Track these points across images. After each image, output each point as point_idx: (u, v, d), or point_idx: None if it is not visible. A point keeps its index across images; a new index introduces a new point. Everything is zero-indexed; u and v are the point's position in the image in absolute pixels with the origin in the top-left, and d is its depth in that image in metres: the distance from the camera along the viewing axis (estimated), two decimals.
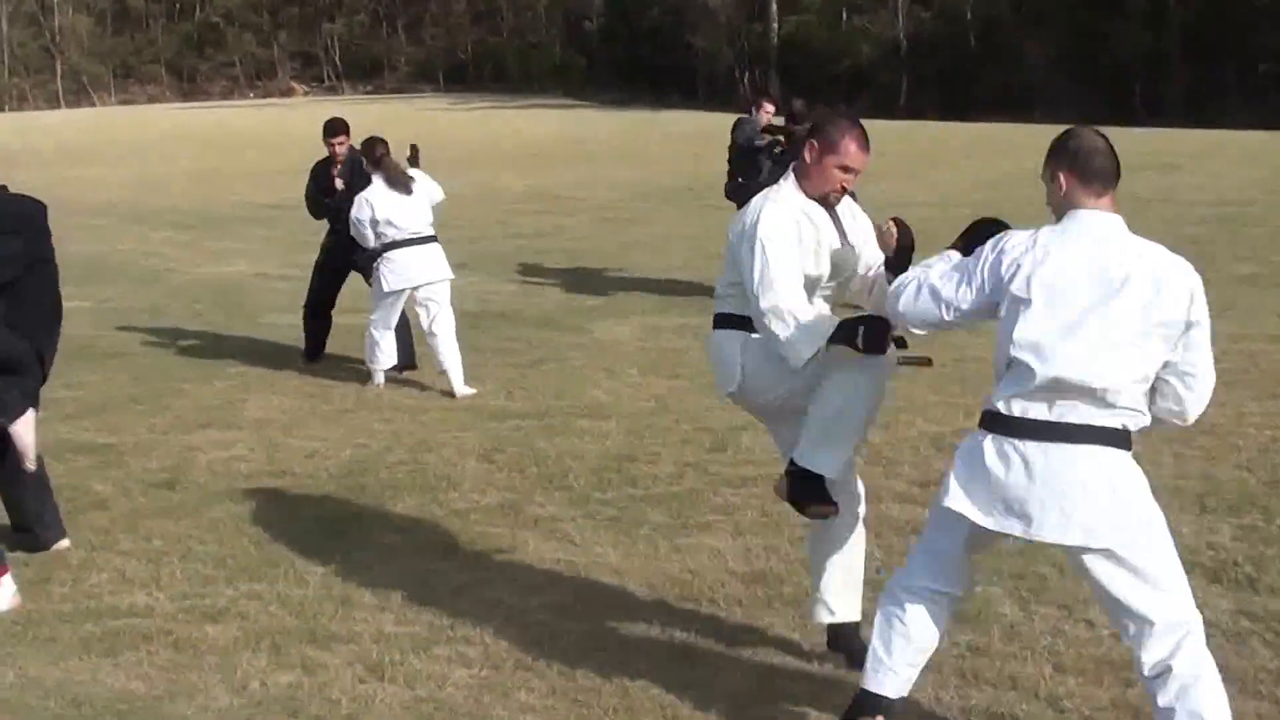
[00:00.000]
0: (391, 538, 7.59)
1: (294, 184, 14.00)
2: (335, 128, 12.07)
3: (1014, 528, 4.52)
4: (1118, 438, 4.46)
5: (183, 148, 45.87)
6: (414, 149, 11.91)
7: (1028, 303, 4.44)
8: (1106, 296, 4.38)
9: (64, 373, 11.65)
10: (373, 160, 11.12)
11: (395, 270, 11.06)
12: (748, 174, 14.42)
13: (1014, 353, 4.44)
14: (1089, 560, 4.51)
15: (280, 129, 56.56)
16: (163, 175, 35.05)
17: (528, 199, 26.65)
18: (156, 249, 21.42)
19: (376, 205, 10.96)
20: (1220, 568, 6.60)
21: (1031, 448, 4.43)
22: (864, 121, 5.62)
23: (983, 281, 4.61)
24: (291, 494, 8.45)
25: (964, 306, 4.65)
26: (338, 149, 12.00)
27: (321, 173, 12.15)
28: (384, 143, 11.22)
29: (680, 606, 6.42)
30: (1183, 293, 4.42)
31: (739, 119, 15.45)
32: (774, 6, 74.38)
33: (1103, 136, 4.60)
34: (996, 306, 4.56)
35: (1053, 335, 4.38)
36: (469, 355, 11.29)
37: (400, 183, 11.05)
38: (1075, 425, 4.41)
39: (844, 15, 71.50)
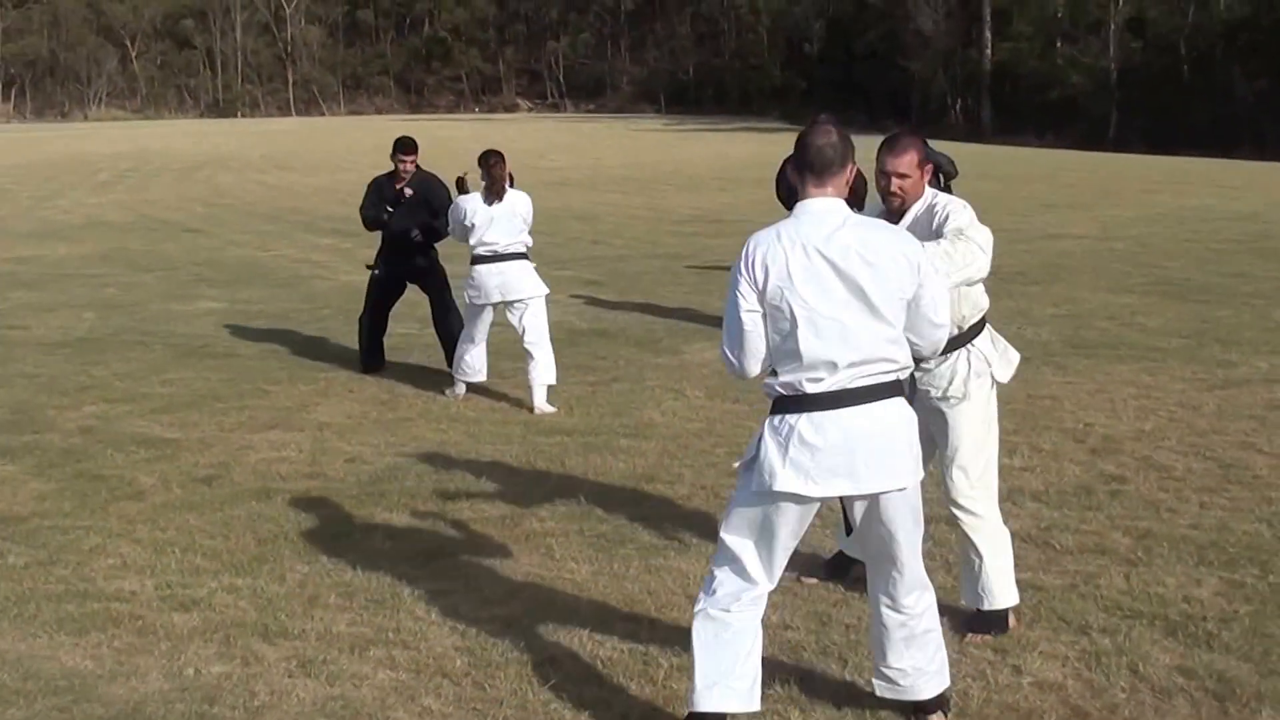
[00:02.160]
0: (385, 543, 7.79)
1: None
2: (408, 146, 12.48)
3: (840, 487, 4.91)
4: (899, 388, 5.00)
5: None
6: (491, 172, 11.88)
7: (788, 295, 4.87)
8: (845, 275, 4.84)
9: (167, 369, 12.32)
10: (485, 168, 11.33)
11: (475, 285, 11.32)
12: None
13: (790, 344, 4.89)
14: (887, 501, 5.00)
15: (489, 142, 57.64)
16: (355, 184, 35.94)
17: (688, 221, 26.80)
18: (312, 255, 22.13)
19: (470, 212, 11.25)
20: (1184, 621, 6.44)
21: (844, 414, 4.87)
22: (1069, 153, 6.00)
23: (761, 309, 4.97)
24: (313, 496, 8.72)
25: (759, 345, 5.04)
26: (407, 165, 12.37)
27: (385, 185, 12.49)
28: (499, 155, 11.38)
29: (620, 626, 6.49)
30: (909, 262, 4.93)
31: None
32: (988, 33, 73.52)
33: (830, 131, 5.01)
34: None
35: (820, 325, 4.84)
36: (558, 371, 11.52)
37: (497, 195, 11.28)
38: (864, 388, 4.89)
39: (1057, 43, 70.22)
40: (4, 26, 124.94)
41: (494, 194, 11.31)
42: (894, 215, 5.99)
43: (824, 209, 4.96)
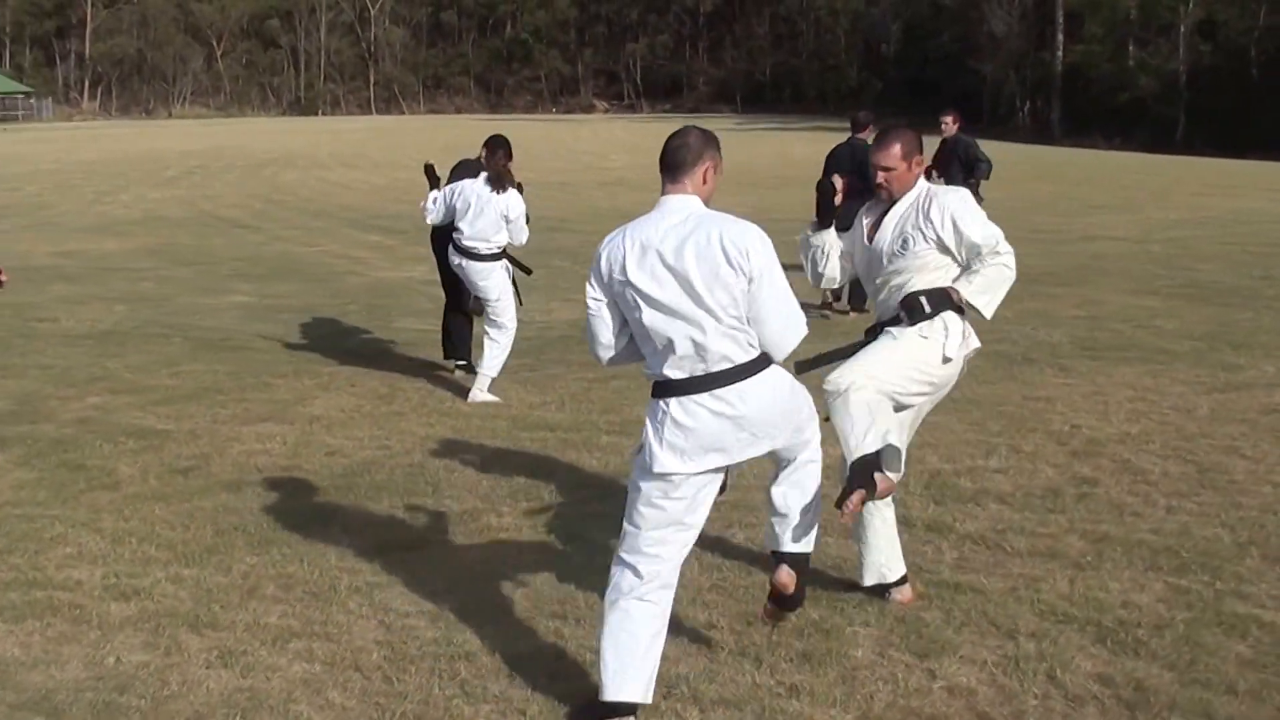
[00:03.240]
0: (339, 536, 7.82)
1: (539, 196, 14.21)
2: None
3: (713, 461, 5.21)
4: (759, 363, 5.19)
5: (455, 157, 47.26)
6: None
7: (637, 291, 5.14)
8: (675, 269, 5.07)
9: (179, 361, 12.47)
10: (487, 156, 11.54)
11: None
12: None
13: (642, 333, 5.20)
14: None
15: (557, 143, 57.88)
16: (414, 182, 36.16)
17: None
18: (352, 252, 22.31)
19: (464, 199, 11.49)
20: (1116, 628, 6.34)
21: (707, 397, 5.13)
22: (1132, 155, 6.09)
23: (606, 299, 5.29)
24: (283, 489, 8.79)
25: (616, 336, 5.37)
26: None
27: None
28: (505, 143, 11.60)
29: (546, 623, 6.50)
30: (742, 251, 5.05)
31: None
32: (1059, 35, 72.77)
33: (686, 133, 5.34)
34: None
35: (658, 318, 5.12)
36: (560, 367, 11.82)
37: (496, 185, 11.42)
38: (726, 370, 5.13)
39: (1128, 46, 69.35)
40: (94, 26, 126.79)
41: (495, 185, 11.41)
42: (884, 205, 6.46)
43: (673, 206, 5.21)
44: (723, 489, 5.47)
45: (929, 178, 16.59)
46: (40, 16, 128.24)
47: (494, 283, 11.55)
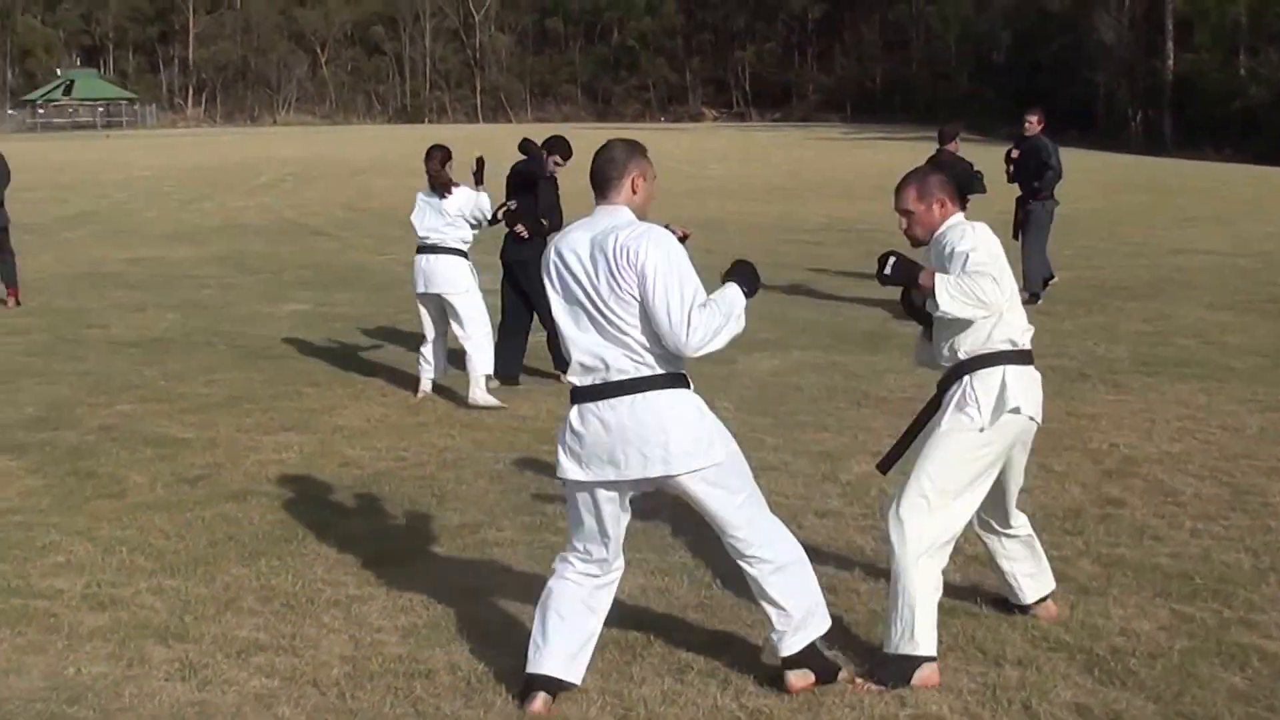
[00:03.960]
0: (333, 548, 7.72)
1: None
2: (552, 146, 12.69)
3: (608, 473, 5.29)
4: (659, 381, 5.23)
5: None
6: (479, 162, 11.99)
7: (554, 297, 5.34)
8: (579, 277, 5.22)
9: (218, 369, 12.48)
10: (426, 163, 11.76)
11: (413, 273, 11.90)
12: None
13: (564, 343, 5.37)
14: (681, 484, 5.33)
15: (657, 150, 57.63)
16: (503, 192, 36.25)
17: (816, 230, 26.33)
18: None
19: (416, 202, 11.76)
20: (1108, 656, 6.05)
21: (600, 406, 5.24)
22: (1239, 167, 5.91)
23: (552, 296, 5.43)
24: (289, 499, 8.71)
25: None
26: (552, 166, 12.59)
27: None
28: (439, 150, 11.77)
29: (518, 641, 6.27)
30: (634, 251, 5.12)
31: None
32: (1169, 44, 71.50)
33: (610, 147, 5.42)
34: None
35: (569, 323, 5.31)
36: None
37: (436, 190, 11.63)
38: (619, 382, 5.22)
39: (1239, 55, 67.95)
40: (197, 31, 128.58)
41: (433, 188, 11.63)
42: (916, 247, 6.13)
43: (599, 215, 5.36)
44: None
45: (1007, 170, 16.64)
46: (143, 22, 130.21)
47: (456, 278, 11.61)
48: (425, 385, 11.71)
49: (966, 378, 5.91)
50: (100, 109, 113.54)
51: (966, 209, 15.76)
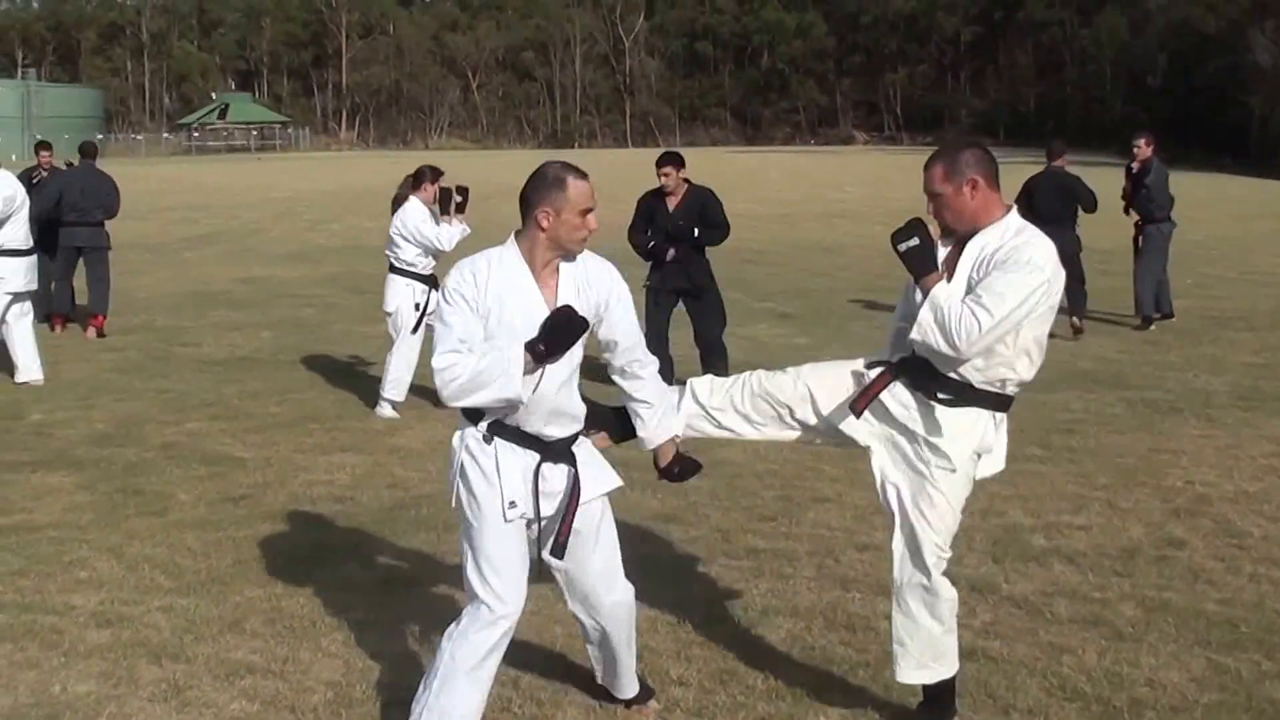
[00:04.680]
0: (354, 570, 7.64)
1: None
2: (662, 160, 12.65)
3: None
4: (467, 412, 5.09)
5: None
6: (461, 190, 12.12)
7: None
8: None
9: (294, 389, 12.51)
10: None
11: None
12: None
13: None
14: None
15: (797, 174, 57.43)
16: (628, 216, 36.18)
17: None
18: None
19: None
20: (1127, 708, 5.71)
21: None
22: None
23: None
24: (325, 520, 8.64)
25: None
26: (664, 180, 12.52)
27: (654, 204, 12.75)
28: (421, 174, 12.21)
29: (506, 672, 6.07)
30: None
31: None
32: None
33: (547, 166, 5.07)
34: None
35: None
36: None
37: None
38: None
39: None
40: (350, 56, 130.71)
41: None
42: (947, 239, 5.37)
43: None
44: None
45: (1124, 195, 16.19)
46: (296, 47, 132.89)
47: (389, 295, 12.15)
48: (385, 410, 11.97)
49: (984, 411, 5.24)
50: (254, 132, 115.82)
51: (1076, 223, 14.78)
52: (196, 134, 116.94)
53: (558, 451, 5.15)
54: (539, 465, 5.10)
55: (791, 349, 14.77)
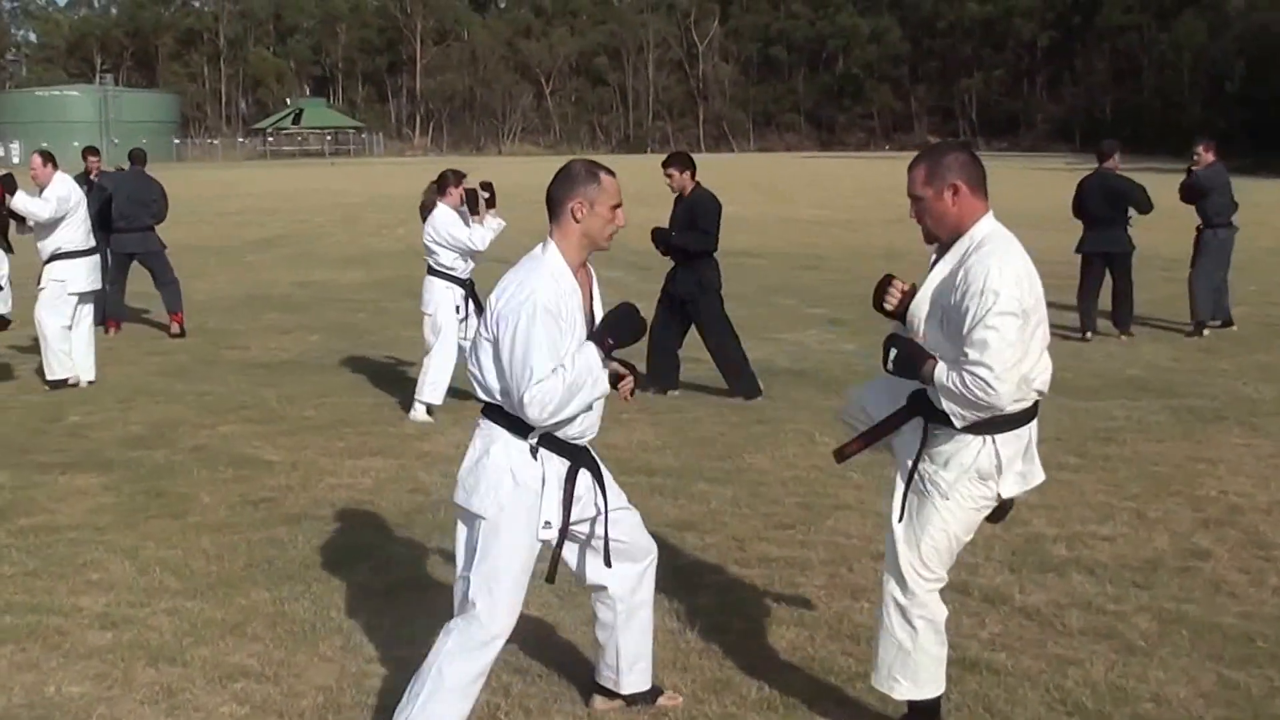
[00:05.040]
0: (365, 574, 7.61)
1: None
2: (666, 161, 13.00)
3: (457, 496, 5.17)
4: (491, 413, 5.07)
5: (752, 193, 47.32)
6: (485, 186, 12.13)
7: None
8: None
9: (332, 393, 12.55)
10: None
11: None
12: None
13: None
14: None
15: (866, 180, 57.14)
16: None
17: None
18: None
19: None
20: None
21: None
22: None
23: None
24: (342, 524, 8.62)
25: None
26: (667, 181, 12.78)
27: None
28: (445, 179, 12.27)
29: (500, 678, 6.04)
30: (498, 327, 4.91)
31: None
32: None
33: (561, 171, 5.09)
34: None
35: None
36: (708, 408, 11.76)
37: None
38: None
39: None
40: (424, 62, 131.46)
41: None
42: (930, 244, 5.25)
43: (523, 261, 5.12)
44: None
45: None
46: (371, 53, 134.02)
47: (427, 296, 12.08)
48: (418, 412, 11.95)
49: (986, 438, 5.05)
50: (328, 137, 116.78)
51: (1130, 223, 14.70)
52: (271, 139, 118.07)
53: (587, 457, 5.22)
54: (571, 470, 5.12)
55: (837, 354, 14.65)
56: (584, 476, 5.19)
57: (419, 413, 11.73)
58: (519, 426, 4.98)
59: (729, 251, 24.06)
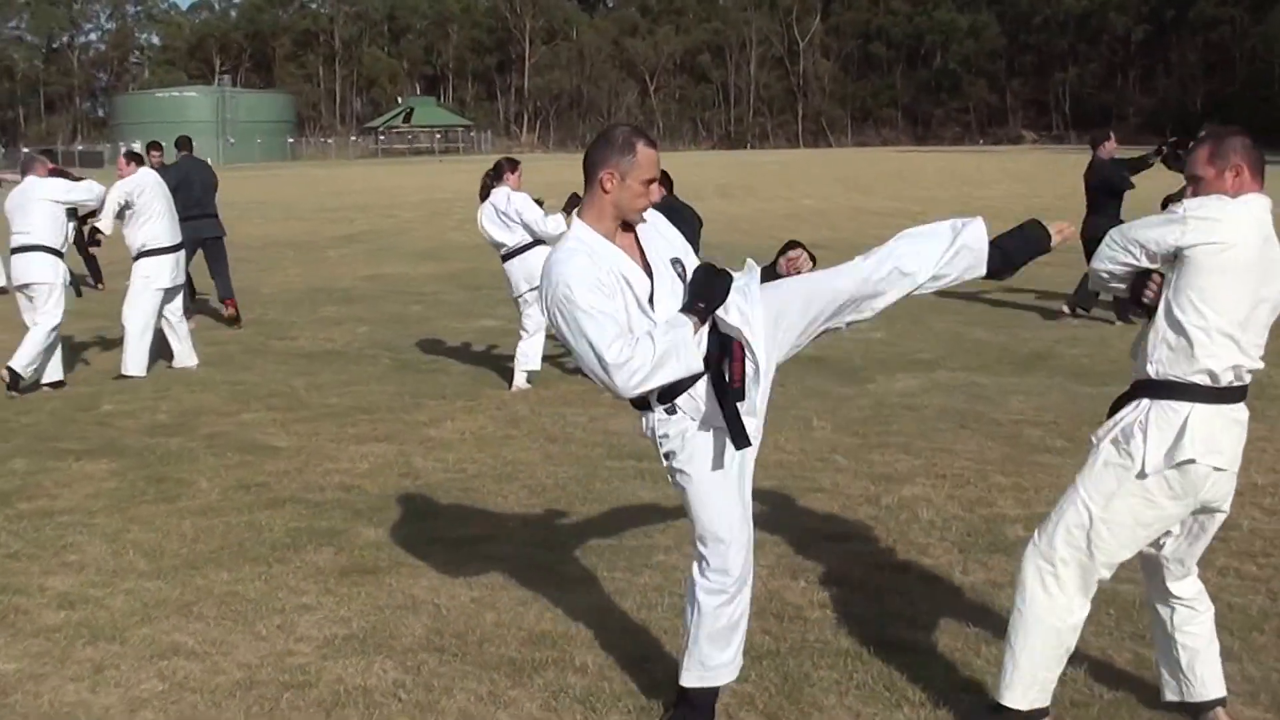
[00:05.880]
0: (320, 558, 7.72)
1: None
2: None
3: None
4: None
5: (835, 187, 47.22)
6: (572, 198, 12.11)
7: None
8: None
9: (361, 382, 12.82)
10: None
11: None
12: None
13: None
14: None
15: (946, 172, 56.68)
16: (764, 213, 36.20)
17: (1055, 251, 25.31)
18: None
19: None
20: None
21: None
22: None
23: None
24: (321, 509, 8.75)
25: None
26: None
27: None
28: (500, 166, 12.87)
29: (415, 659, 6.19)
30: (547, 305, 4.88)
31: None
32: None
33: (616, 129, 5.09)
34: None
35: None
36: None
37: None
38: None
39: None
40: (533, 62, 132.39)
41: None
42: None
43: None
44: None
45: None
46: (481, 52, 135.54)
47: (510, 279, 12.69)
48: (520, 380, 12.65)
49: (1140, 401, 5.02)
50: (437, 135, 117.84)
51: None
52: (383, 137, 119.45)
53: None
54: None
55: (862, 342, 14.60)
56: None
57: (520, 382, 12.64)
58: (640, 400, 5.01)
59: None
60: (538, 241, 12.34)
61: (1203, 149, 4.92)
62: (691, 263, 5.06)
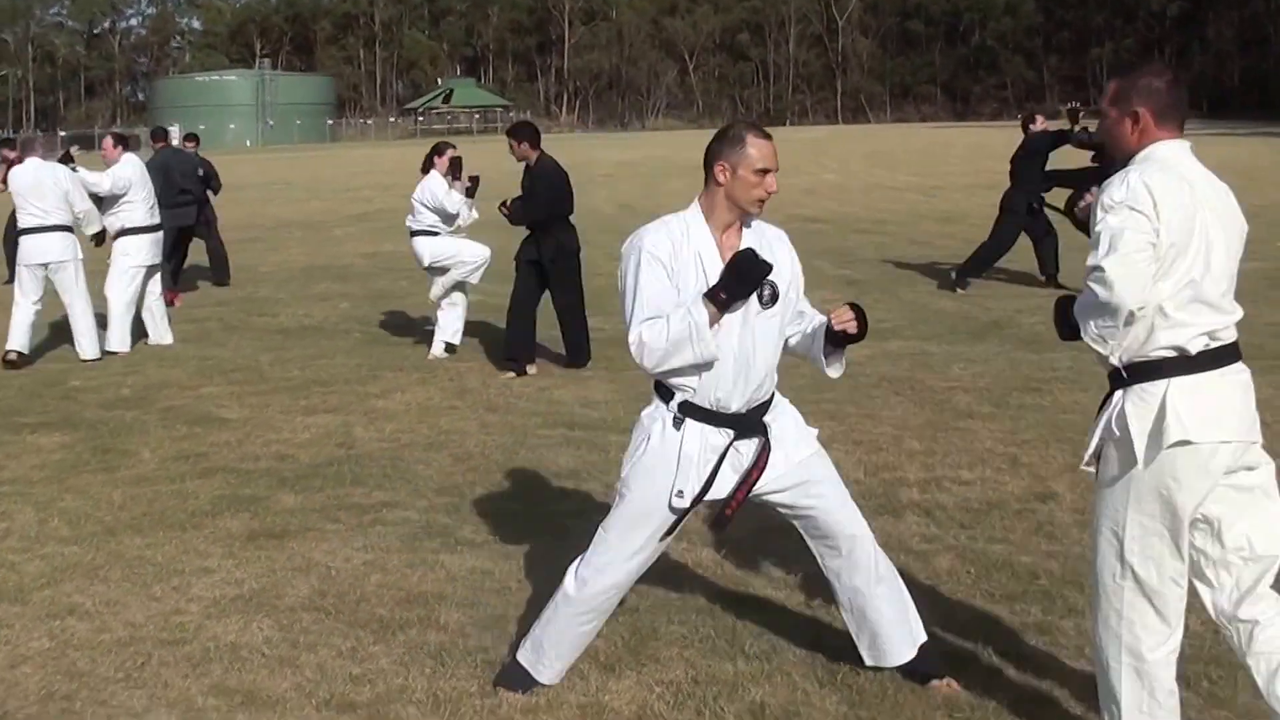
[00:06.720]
0: (234, 524, 7.99)
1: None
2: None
3: None
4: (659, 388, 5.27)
5: (861, 163, 47.18)
6: (472, 179, 13.70)
7: None
8: None
9: (327, 355, 13.14)
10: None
11: None
12: None
13: None
14: None
15: (975, 148, 56.41)
16: (791, 188, 36.19)
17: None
18: None
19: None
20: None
21: None
22: None
23: None
24: (248, 477, 9.04)
25: None
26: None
27: None
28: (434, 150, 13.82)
29: (299, 619, 6.42)
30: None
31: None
32: None
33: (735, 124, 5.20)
34: None
35: None
36: None
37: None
38: None
39: None
40: (572, 43, 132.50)
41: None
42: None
43: None
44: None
45: None
46: (521, 33, 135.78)
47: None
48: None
49: (1127, 389, 4.44)
50: (476, 116, 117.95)
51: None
52: (422, 118, 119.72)
53: (750, 424, 5.13)
54: (731, 444, 5.11)
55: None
56: (748, 447, 5.14)
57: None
58: (665, 391, 5.13)
59: (795, 217, 24.19)
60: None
61: (1111, 84, 4.57)
62: (784, 294, 5.14)
